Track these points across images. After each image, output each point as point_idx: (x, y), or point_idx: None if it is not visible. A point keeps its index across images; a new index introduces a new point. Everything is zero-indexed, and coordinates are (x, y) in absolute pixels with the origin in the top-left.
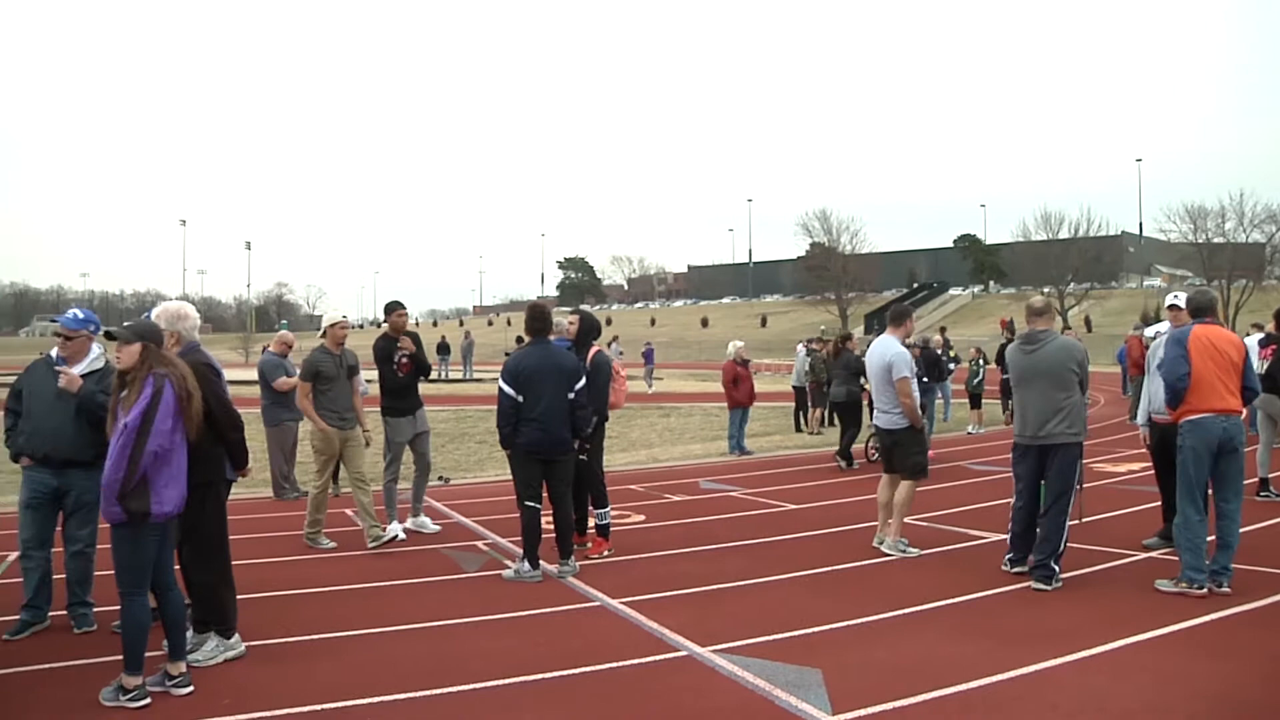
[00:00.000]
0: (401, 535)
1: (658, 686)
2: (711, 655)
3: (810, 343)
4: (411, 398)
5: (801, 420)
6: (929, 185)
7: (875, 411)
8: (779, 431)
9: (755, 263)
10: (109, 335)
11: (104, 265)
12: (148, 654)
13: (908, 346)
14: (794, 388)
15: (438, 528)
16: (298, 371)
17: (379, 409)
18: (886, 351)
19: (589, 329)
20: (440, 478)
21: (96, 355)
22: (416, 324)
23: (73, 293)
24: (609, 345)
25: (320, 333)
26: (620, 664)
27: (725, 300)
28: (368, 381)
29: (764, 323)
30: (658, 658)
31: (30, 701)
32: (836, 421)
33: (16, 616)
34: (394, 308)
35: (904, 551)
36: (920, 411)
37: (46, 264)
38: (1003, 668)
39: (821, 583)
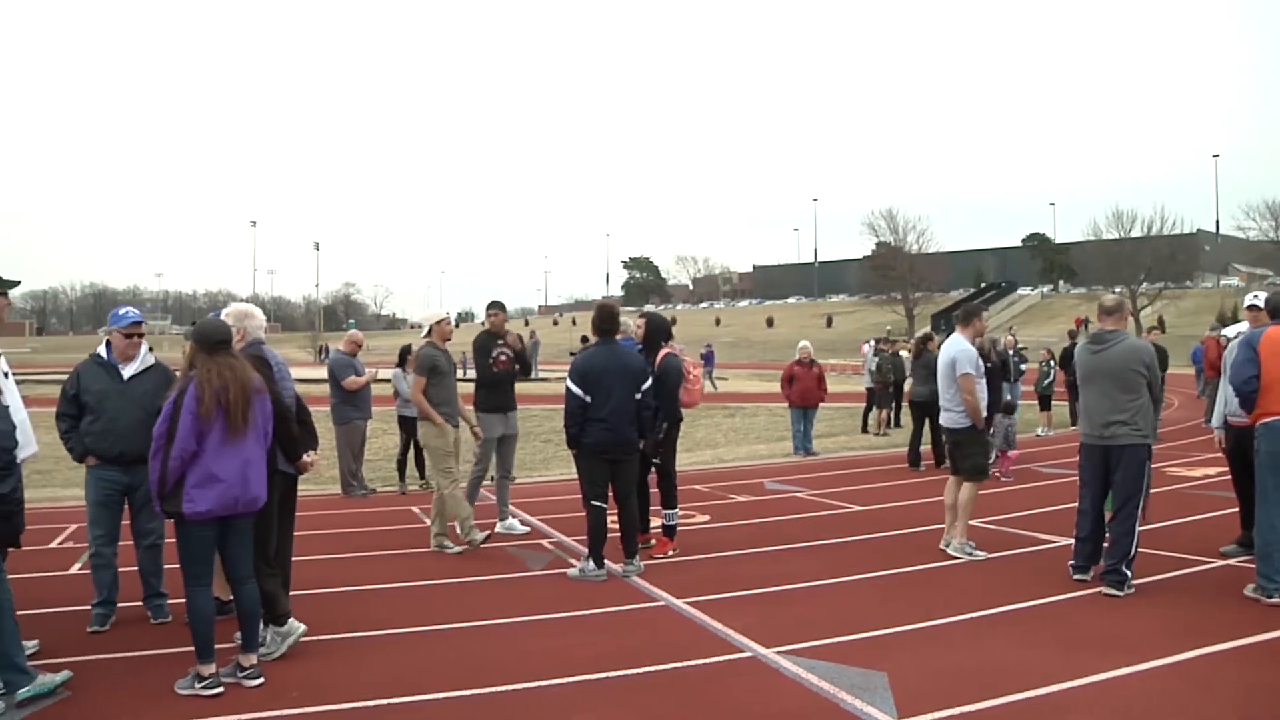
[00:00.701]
0: (522, 529)
1: (722, 688)
2: (776, 657)
3: (879, 343)
4: (506, 396)
5: (869, 421)
6: (997, 183)
7: (941, 411)
8: (845, 432)
9: (821, 262)
10: (188, 337)
11: (178, 266)
12: (220, 646)
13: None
14: (867, 389)
15: (527, 529)
16: (367, 371)
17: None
18: (952, 349)
19: (657, 330)
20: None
21: (146, 353)
22: (482, 324)
23: (148, 292)
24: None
25: (425, 331)
26: (684, 664)
27: (790, 300)
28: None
29: (829, 323)
30: (722, 658)
31: (111, 689)
32: (910, 422)
33: (89, 608)
34: (494, 307)
35: (970, 554)
36: (986, 412)
37: (123, 265)
38: (1072, 674)
39: (888, 585)
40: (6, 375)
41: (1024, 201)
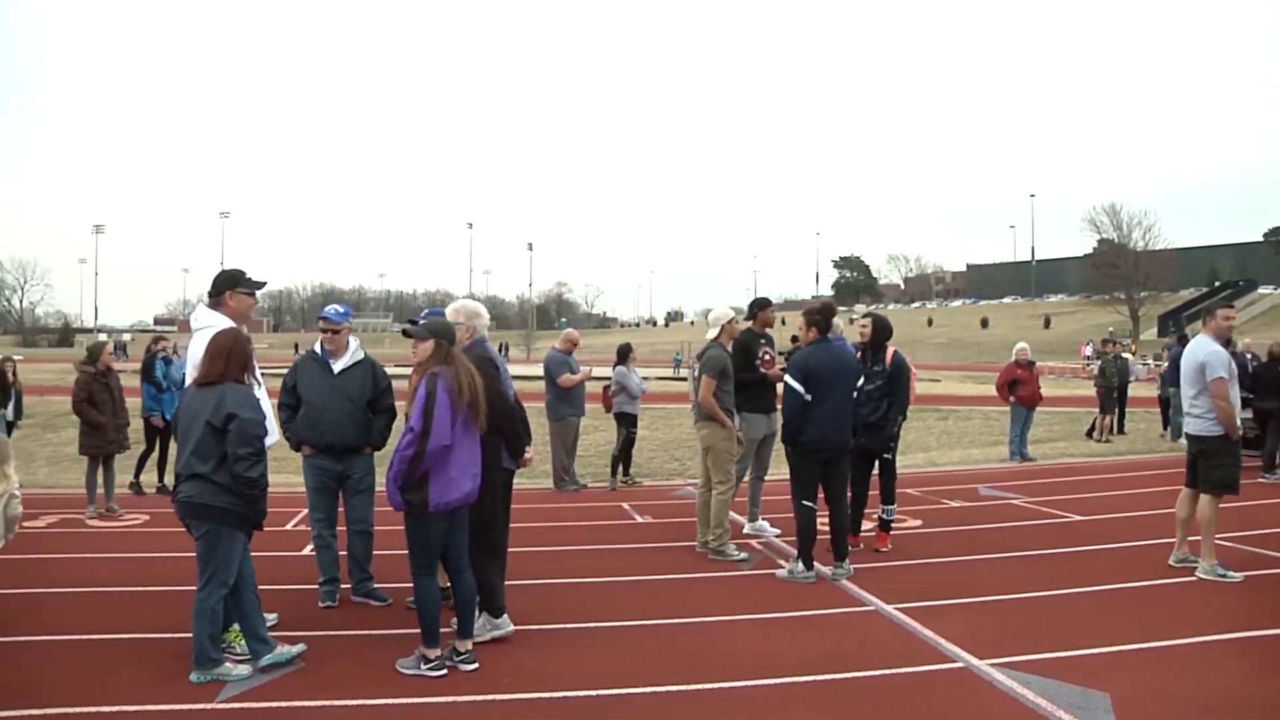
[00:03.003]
0: (772, 530)
1: (931, 697)
2: (989, 669)
3: (1104, 344)
4: (769, 395)
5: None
6: (1232, 173)
7: (1185, 418)
8: (1064, 438)
9: (1038, 261)
10: (405, 333)
11: (399, 266)
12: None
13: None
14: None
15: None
16: (581, 369)
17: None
18: (1200, 352)
19: (882, 330)
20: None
21: (356, 348)
22: (691, 323)
23: (371, 291)
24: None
25: (715, 332)
26: (893, 671)
27: (1006, 300)
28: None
29: (1047, 324)
30: (932, 667)
31: (341, 664)
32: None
33: (317, 586)
34: (762, 304)
35: (1222, 576)
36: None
37: (349, 265)
38: None
39: (1111, 600)
40: (256, 369)
41: (1264, 192)
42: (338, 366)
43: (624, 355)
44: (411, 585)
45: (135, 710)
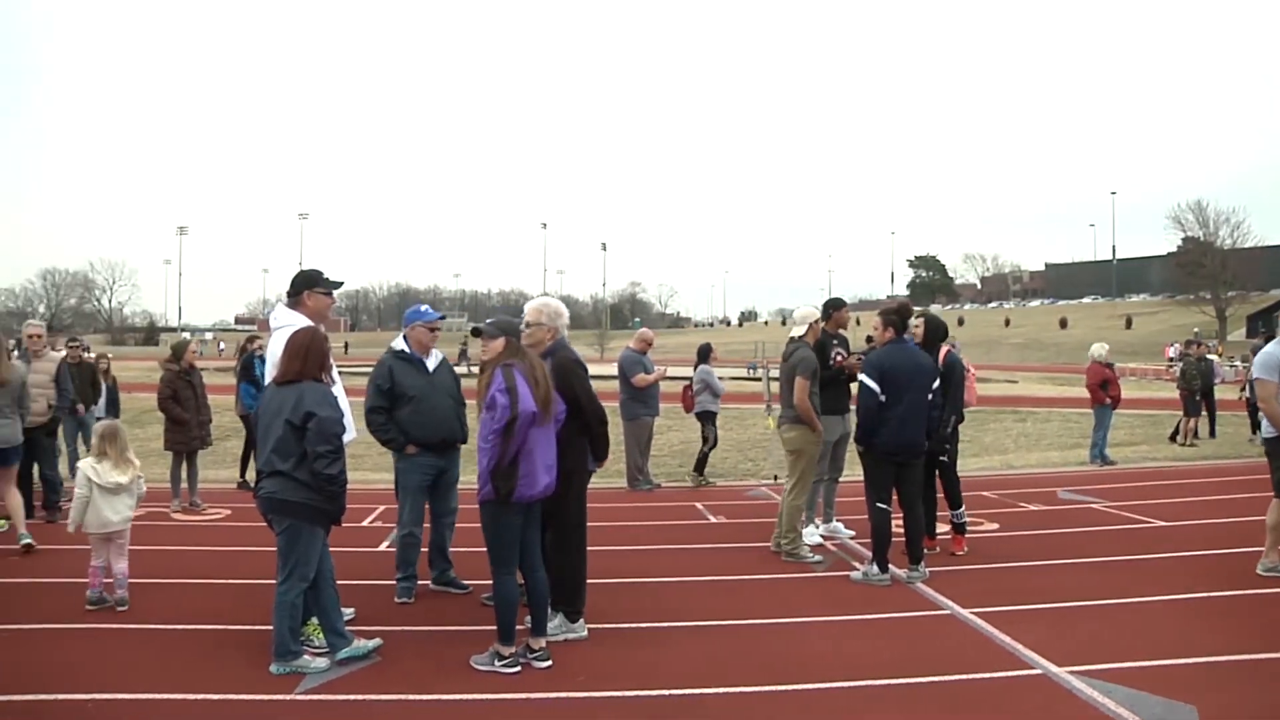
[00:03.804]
0: (818, 539)
1: (1009, 704)
2: (1069, 677)
3: (1188, 346)
4: (844, 395)
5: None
6: None
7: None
8: (1146, 441)
9: (1119, 260)
10: (475, 331)
11: (474, 266)
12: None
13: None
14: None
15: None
16: (656, 368)
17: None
18: (1271, 355)
19: (936, 330)
20: (775, 477)
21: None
22: (765, 323)
23: (447, 291)
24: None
25: (801, 331)
26: (969, 676)
27: (1085, 300)
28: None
29: (1129, 324)
30: (1009, 674)
31: (416, 658)
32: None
33: (393, 581)
34: (837, 304)
35: None
36: None
37: (424, 265)
38: None
39: (1197, 609)
40: (333, 367)
41: None
42: (431, 364)
43: (705, 354)
44: (486, 582)
45: (218, 699)
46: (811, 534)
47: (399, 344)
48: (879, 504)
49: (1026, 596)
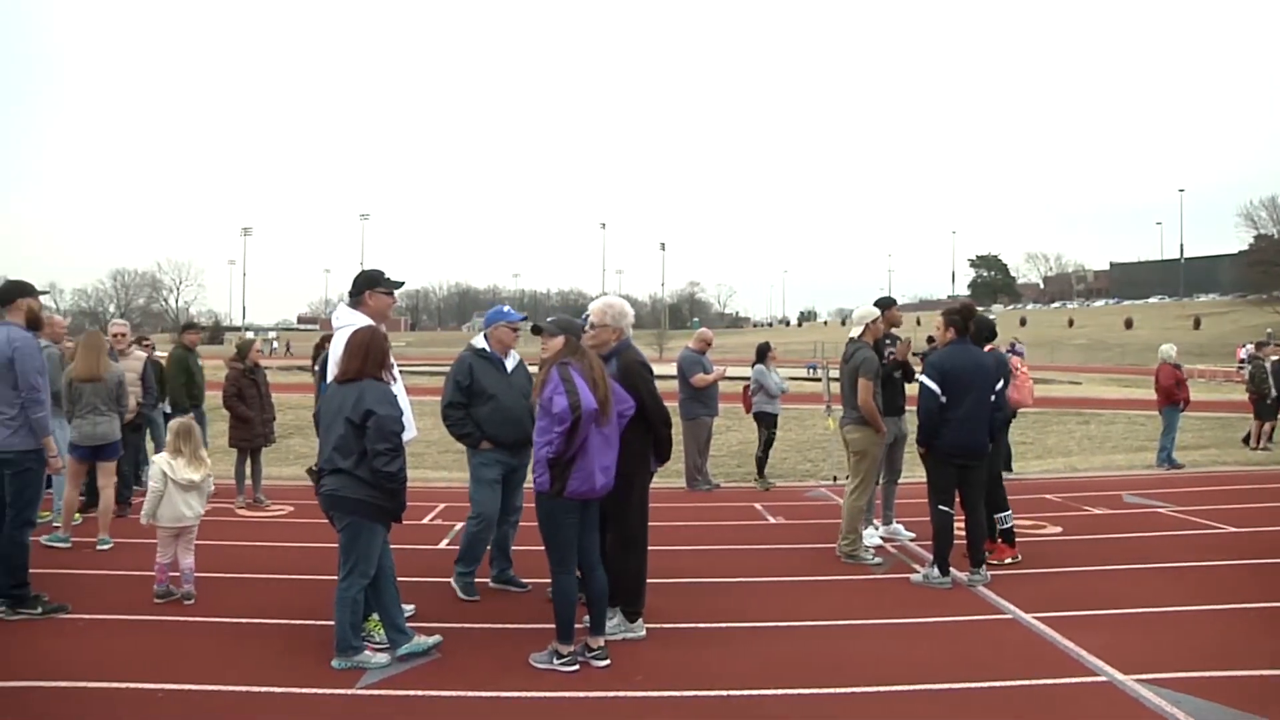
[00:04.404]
0: (878, 541)
1: (1073, 711)
2: (1135, 685)
3: (1259, 347)
4: (899, 397)
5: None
6: None
7: None
8: (1214, 444)
9: (1187, 259)
10: (535, 330)
11: (533, 266)
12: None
13: None
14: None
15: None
16: (715, 368)
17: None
18: None
19: (982, 329)
20: (834, 478)
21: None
22: (824, 323)
23: (506, 291)
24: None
25: (859, 331)
26: (1032, 682)
27: (1152, 300)
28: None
29: (1197, 324)
30: (1073, 680)
31: (475, 655)
32: None
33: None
34: (888, 303)
35: None
36: None
37: (484, 266)
38: None
39: (1269, 618)
40: (393, 366)
41: None
42: (510, 365)
43: (762, 354)
44: (546, 580)
45: (281, 692)
46: (871, 536)
47: (480, 343)
48: (941, 506)
49: (1091, 602)
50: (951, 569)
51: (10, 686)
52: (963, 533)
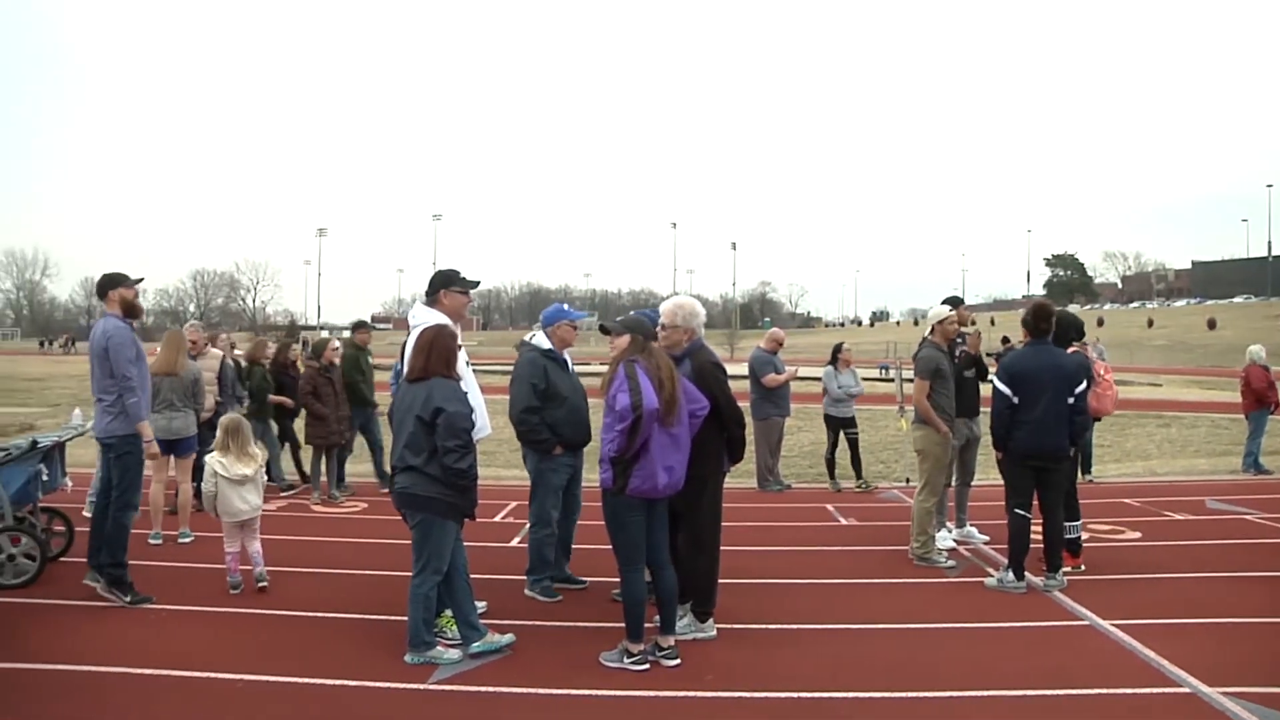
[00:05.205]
0: (951, 543)
1: None
2: (1220, 697)
3: None
4: (971, 399)
5: None
6: None
7: None
8: None
9: (1275, 257)
10: (603, 329)
11: (604, 266)
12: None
13: None
14: None
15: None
16: (787, 369)
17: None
18: None
19: (1066, 328)
20: (906, 479)
21: None
22: (897, 323)
23: (577, 291)
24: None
25: (929, 329)
26: (1109, 691)
27: (1237, 300)
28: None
29: None
30: (1154, 690)
31: (546, 654)
32: None
33: (522, 577)
34: (954, 303)
35: None
36: None
37: (555, 265)
38: None
39: None
40: (468, 364)
41: None
42: (572, 365)
43: (833, 355)
44: (616, 580)
45: (355, 685)
46: (944, 538)
47: (543, 342)
48: (1017, 510)
49: (1173, 610)
50: (1027, 573)
51: (95, 672)
52: (1040, 537)
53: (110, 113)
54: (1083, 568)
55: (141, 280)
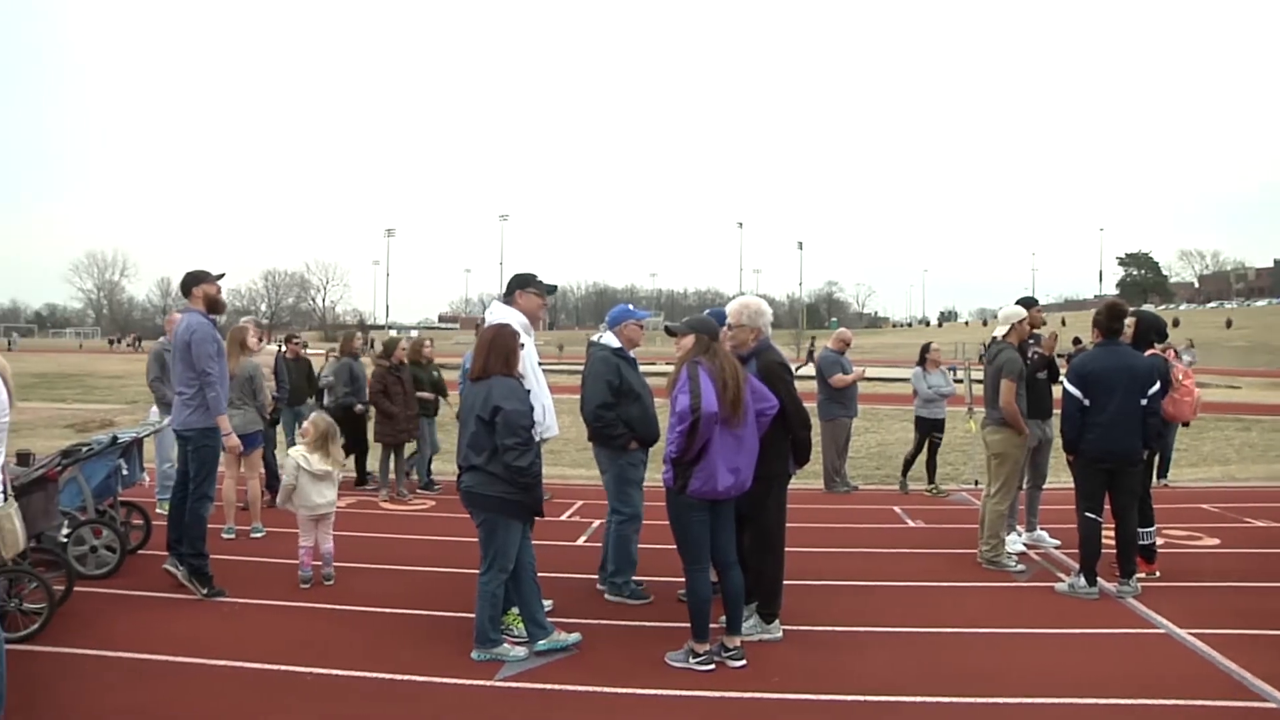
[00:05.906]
0: (1021, 547)
1: None
2: None
3: None
4: (1043, 401)
5: None
6: None
7: None
8: None
9: None
10: (668, 330)
11: (670, 265)
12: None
13: None
14: None
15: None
16: (854, 369)
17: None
18: None
19: (1149, 329)
20: (975, 481)
21: None
22: (965, 324)
23: (643, 291)
24: (1181, 350)
25: (1003, 330)
26: (1188, 702)
27: None
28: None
29: None
30: (1235, 704)
31: (613, 653)
32: None
33: (590, 576)
34: (1028, 304)
35: None
36: None
37: (621, 265)
38: None
39: None
40: (539, 364)
41: None
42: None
43: (921, 355)
44: (683, 580)
45: (422, 681)
46: (1014, 542)
47: (612, 341)
48: (1088, 513)
49: (1254, 620)
50: (1099, 579)
51: (169, 661)
52: (1111, 541)
53: (187, 118)
54: (1158, 574)
55: (223, 276)
